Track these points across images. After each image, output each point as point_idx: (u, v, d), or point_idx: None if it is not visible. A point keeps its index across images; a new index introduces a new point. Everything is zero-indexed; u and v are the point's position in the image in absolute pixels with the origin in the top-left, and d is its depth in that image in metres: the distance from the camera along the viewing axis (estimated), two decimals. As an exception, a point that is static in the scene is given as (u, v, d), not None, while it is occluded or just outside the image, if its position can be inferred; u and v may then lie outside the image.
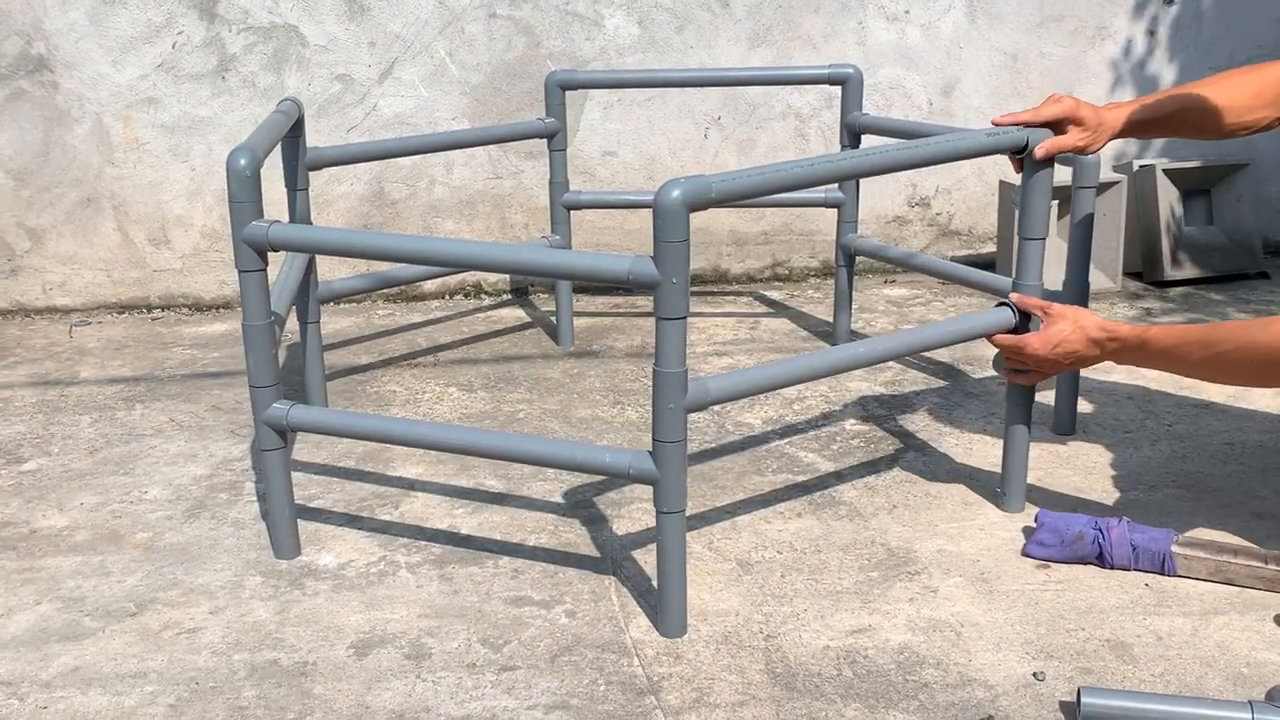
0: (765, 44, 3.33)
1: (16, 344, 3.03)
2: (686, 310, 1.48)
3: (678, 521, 1.58)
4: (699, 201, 1.45)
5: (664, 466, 1.55)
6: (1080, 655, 1.58)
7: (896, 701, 1.49)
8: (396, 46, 3.20)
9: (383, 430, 1.74)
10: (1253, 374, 1.62)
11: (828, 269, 3.53)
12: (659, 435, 1.54)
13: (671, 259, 1.46)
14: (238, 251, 1.71)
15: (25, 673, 1.58)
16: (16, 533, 1.99)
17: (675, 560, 1.60)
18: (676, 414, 1.52)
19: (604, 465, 1.60)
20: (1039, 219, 1.83)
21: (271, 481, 1.84)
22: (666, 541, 1.59)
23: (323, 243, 1.71)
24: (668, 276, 1.46)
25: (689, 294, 1.48)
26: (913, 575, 1.80)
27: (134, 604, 1.76)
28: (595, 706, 1.49)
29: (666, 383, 1.50)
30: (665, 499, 1.57)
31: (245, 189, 1.70)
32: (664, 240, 1.45)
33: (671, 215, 1.44)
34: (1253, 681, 1.51)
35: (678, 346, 1.49)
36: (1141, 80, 3.55)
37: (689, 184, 1.45)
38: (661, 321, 1.48)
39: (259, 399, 1.78)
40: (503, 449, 1.66)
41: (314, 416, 1.79)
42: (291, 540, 1.88)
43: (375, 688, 1.54)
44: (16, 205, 3.19)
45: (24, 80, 3.10)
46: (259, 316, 1.75)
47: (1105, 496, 2.04)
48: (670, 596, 1.62)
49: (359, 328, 3.11)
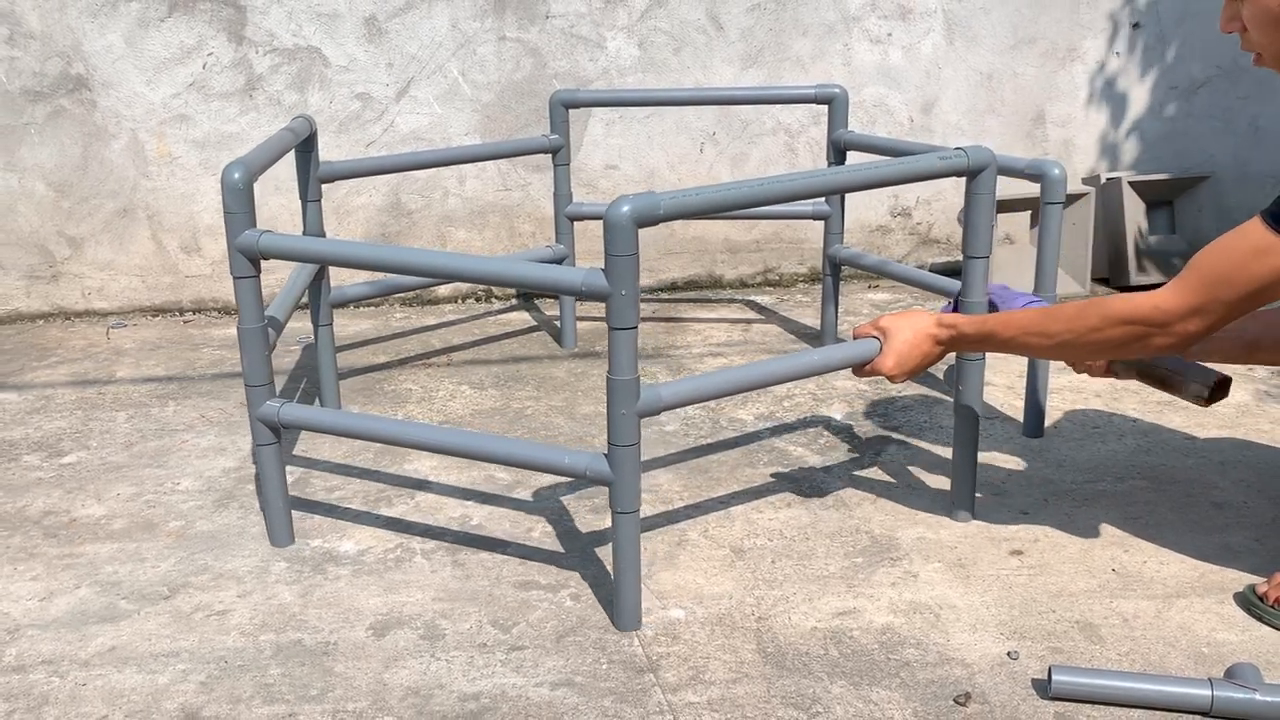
0: (757, 65, 3.33)
1: (57, 345, 3.03)
2: (636, 321, 1.45)
3: (632, 521, 1.56)
4: (647, 218, 1.42)
5: (618, 469, 1.52)
6: (1051, 636, 1.58)
7: (880, 679, 1.49)
8: (413, 67, 3.20)
9: (365, 428, 1.72)
10: (1094, 353, 1.59)
11: (815, 275, 3.53)
12: (613, 439, 1.50)
13: (621, 272, 1.43)
14: (232, 259, 1.70)
15: (65, 652, 1.58)
16: (58, 521, 1.99)
17: (629, 558, 1.57)
18: (629, 419, 1.49)
19: (563, 466, 1.56)
20: (982, 239, 1.77)
21: (266, 474, 1.83)
22: (621, 540, 1.56)
23: (305, 252, 1.69)
24: (617, 289, 1.43)
25: (639, 305, 1.44)
26: (894, 561, 1.80)
27: (167, 588, 1.76)
28: (598, 684, 1.49)
29: (619, 389, 1.47)
30: (619, 499, 1.54)
31: (238, 201, 1.69)
32: (613, 254, 1.42)
33: (620, 230, 1.41)
34: (1212, 660, 1.51)
35: (629, 355, 1.46)
36: (1110, 98, 3.55)
37: (638, 201, 1.42)
38: (613, 331, 1.45)
39: (253, 397, 1.77)
40: (473, 448, 1.63)
41: (302, 414, 1.77)
42: (285, 529, 1.88)
43: (393, 666, 1.54)
44: (57, 215, 3.19)
45: (64, 99, 3.10)
46: (253, 320, 1.74)
47: (1074, 487, 2.04)
48: (625, 592, 1.59)
49: (377, 330, 3.11)
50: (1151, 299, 1.51)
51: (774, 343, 2.93)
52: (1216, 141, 3.66)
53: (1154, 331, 1.51)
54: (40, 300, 3.26)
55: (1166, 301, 1.49)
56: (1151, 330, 1.51)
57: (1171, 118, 3.61)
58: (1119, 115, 3.58)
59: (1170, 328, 1.49)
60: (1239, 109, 3.64)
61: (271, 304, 1.98)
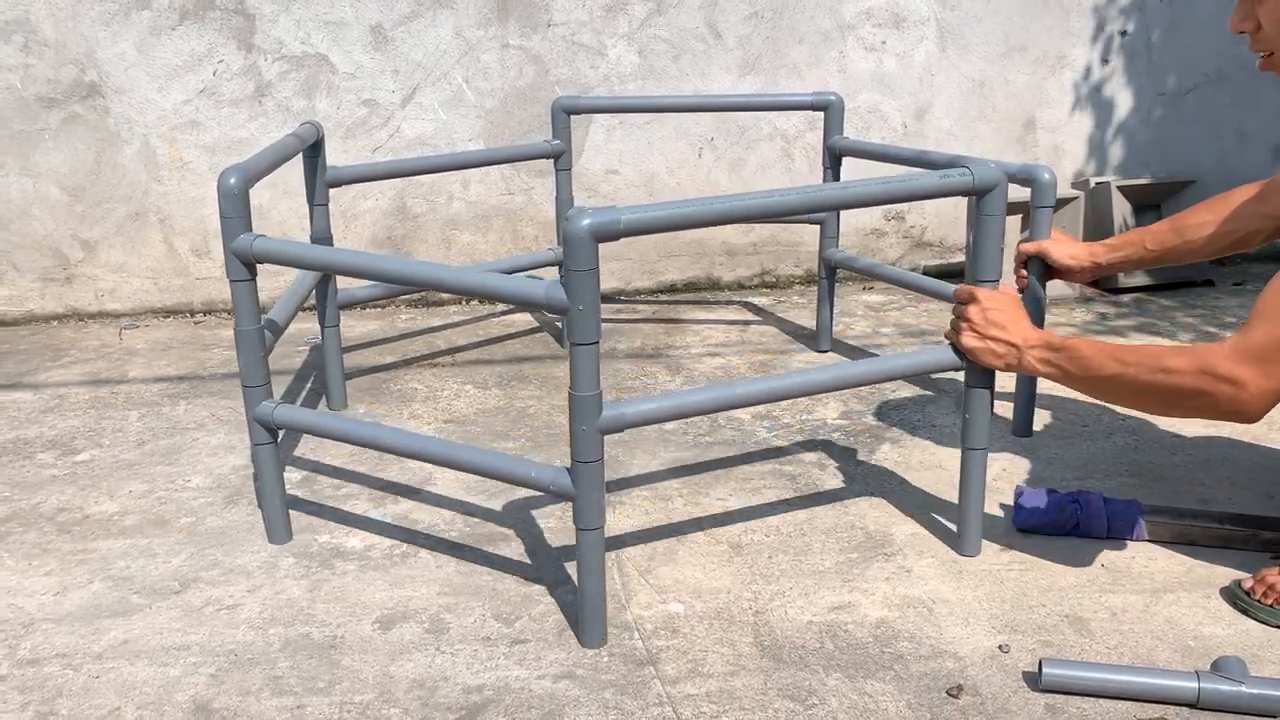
0: (754, 72, 3.33)
1: (71, 345, 3.03)
2: (597, 336, 1.39)
3: (595, 538, 1.49)
4: (605, 233, 1.36)
5: (580, 485, 1.46)
6: (1041, 629, 1.58)
7: (874, 671, 1.49)
8: (418, 74, 3.20)
9: (350, 432, 1.68)
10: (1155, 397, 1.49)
11: (811, 277, 3.53)
12: (575, 455, 1.44)
13: (579, 286, 1.36)
14: (228, 262, 1.69)
15: (79, 645, 1.58)
16: (71, 518, 1.99)
17: (594, 575, 1.51)
18: (591, 435, 1.43)
19: (529, 479, 1.51)
20: (991, 262, 1.65)
21: (262, 472, 1.82)
22: (585, 556, 1.50)
23: (294, 256, 1.65)
24: (575, 303, 1.37)
25: (599, 320, 1.39)
26: (889, 556, 1.80)
27: (178, 583, 1.76)
28: (599, 676, 1.49)
29: (581, 405, 1.41)
30: (582, 516, 1.48)
31: (234, 205, 1.67)
32: (572, 268, 1.36)
33: (579, 245, 1.35)
34: (1199, 653, 1.51)
35: (590, 371, 1.40)
36: (1099, 104, 3.55)
37: (597, 216, 1.35)
38: (573, 346, 1.39)
39: (250, 398, 1.76)
40: (445, 457, 1.58)
41: (295, 415, 1.75)
42: (283, 527, 1.86)
43: (398, 659, 1.54)
44: (71, 219, 3.19)
45: (78, 105, 3.10)
46: (249, 322, 1.73)
47: (1064, 484, 2.04)
48: (589, 608, 1.53)
49: (384, 330, 3.11)
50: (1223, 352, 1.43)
51: (771, 343, 2.92)
52: (1202, 147, 3.66)
53: (1223, 389, 1.42)
54: (54, 302, 3.26)
55: (1236, 356, 1.41)
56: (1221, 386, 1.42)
57: (1159, 123, 3.61)
58: (1107, 121, 3.58)
59: (1244, 387, 1.41)
60: (1225, 115, 3.64)
61: (274, 306, 1.98)
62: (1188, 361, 1.45)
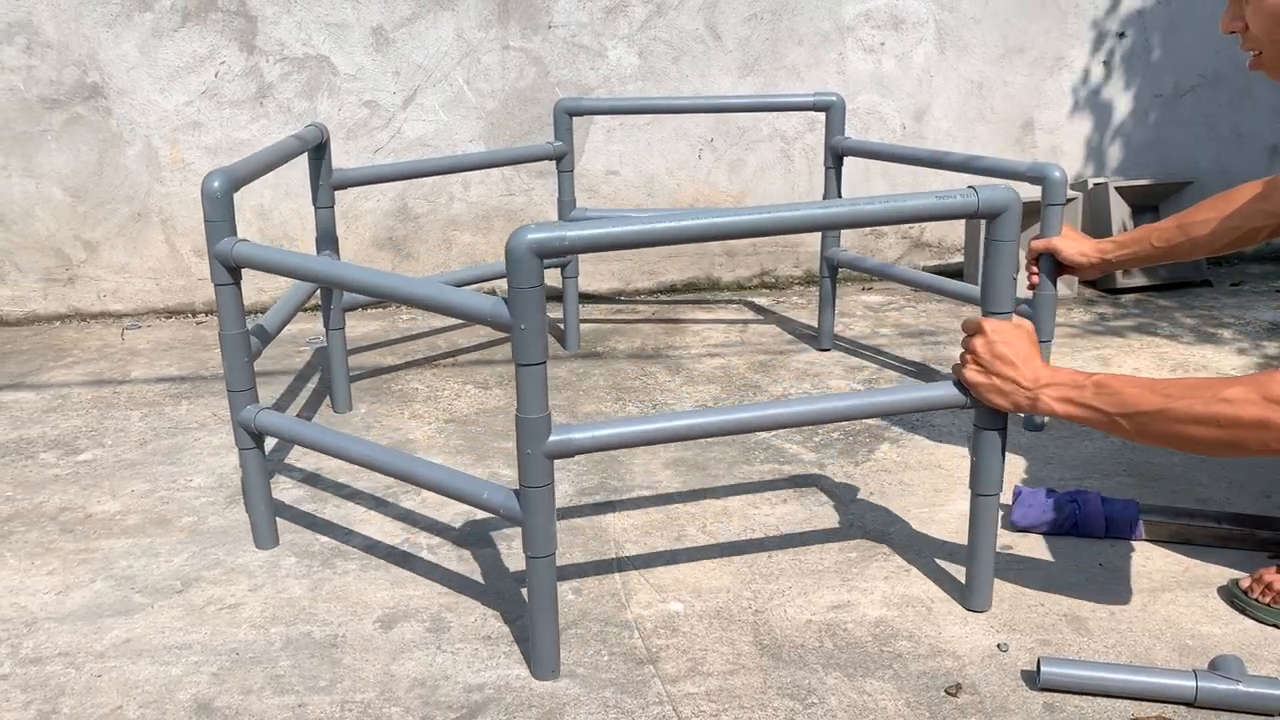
0: (754, 73, 3.33)
1: (74, 345, 3.03)
2: (543, 357, 1.32)
3: (546, 566, 1.42)
4: (549, 250, 1.28)
5: (528, 511, 1.39)
6: (1040, 628, 1.58)
7: (873, 670, 1.49)
8: (419, 75, 3.20)
9: (323, 442, 1.66)
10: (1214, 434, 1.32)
11: (810, 277, 3.53)
12: (522, 480, 1.38)
13: (523, 305, 1.29)
14: (212, 267, 1.67)
15: (81, 644, 1.58)
16: (74, 517, 1.99)
17: (545, 605, 1.44)
18: (537, 460, 1.36)
19: (481, 501, 1.45)
20: (1002, 292, 1.47)
21: (248, 477, 1.80)
22: (535, 586, 1.43)
23: (272, 263, 1.62)
24: (518, 321, 1.30)
25: (546, 342, 1.33)
26: (887, 556, 1.80)
27: (180, 582, 1.76)
28: (599, 675, 1.49)
29: (527, 428, 1.35)
30: (531, 543, 1.41)
31: (217, 209, 1.65)
32: (515, 286, 1.29)
33: (521, 261, 1.28)
34: (1197, 652, 1.51)
35: (537, 393, 1.33)
36: (1097, 105, 3.55)
37: (541, 232, 1.28)
38: (519, 367, 1.32)
39: (235, 402, 1.74)
40: (405, 471, 1.54)
41: (276, 422, 1.72)
42: (269, 532, 1.84)
43: (400, 658, 1.54)
44: (74, 220, 3.19)
45: (80, 106, 3.10)
46: (234, 326, 1.70)
47: (1063, 484, 2.04)
48: (541, 639, 1.46)
49: (385, 331, 3.11)
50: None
51: (771, 343, 2.92)
52: (1200, 148, 3.66)
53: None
54: (57, 302, 3.26)
55: None
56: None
57: (1156, 124, 3.61)
58: (1105, 122, 3.58)
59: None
60: (1222, 116, 3.64)
61: (268, 311, 1.95)
62: (1248, 389, 1.30)
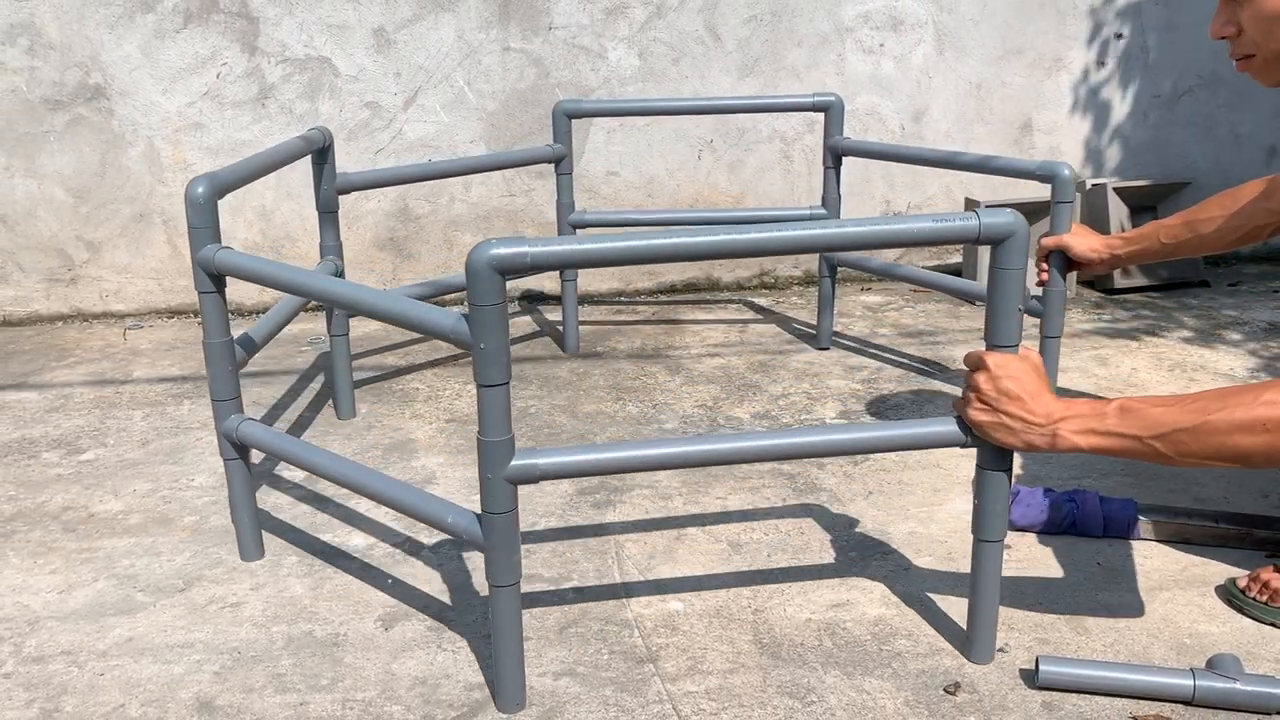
0: (753, 74, 3.33)
1: (76, 345, 3.03)
2: (506, 377, 1.25)
3: (509, 596, 1.35)
4: (510, 267, 1.22)
5: (491, 538, 1.32)
6: (1038, 627, 1.58)
7: (872, 669, 1.49)
8: (420, 76, 3.20)
9: (300, 457, 1.62)
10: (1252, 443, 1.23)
11: (810, 278, 3.53)
12: (484, 505, 1.31)
13: (484, 323, 1.23)
14: (195, 274, 1.65)
15: (84, 643, 1.58)
16: (76, 516, 1.99)
17: (509, 636, 1.37)
18: (499, 484, 1.29)
19: (445, 524, 1.38)
20: (1009, 327, 1.35)
21: (232, 489, 1.77)
22: (498, 615, 1.36)
23: (253, 272, 1.60)
24: (478, 340, 1.23)
25: (509, 360, 1.26)
26: (887, 555, 1.80)
27: (182, 581, 1.76)
28: (599, 673, 1.49)
29: (489, 451, 1.28)
30: (494, 572, 1.33)
31: (201, 215, 1.64)
32: (475, 303, 1.22)
33: (481, 278, 1.21)
34: (1194, 650, 1.51)
35: (498, 414, 1.26)
36: (1095, 106, 3.55)
37: (503, 248, 1.21)
38: (480, 388, 1.26)
39: (218, 412, 1.71)
40: (375, 490, 1.50)
41: (256, 433, 1.70)
42: (253, 543, 1.80)
43: (401, 656, 1.54)
44: (76, 220, 3.19)
45: (83, 107, 3.10)
46: (217, 334, 1.68)
47: (1061, 484, 2.04)
48: (505, 670, 1.39)
49: (386, 332, 3.11)
50: None
51: (770, 343, 2.92)
52: (1198, 148, 3.66)
53: None
54: (59, 302, 3.26)
55: None
56: None
57: (1154, 125, 3.61)
58: (1103, 123, 3.58)
59: None
60: (1219, 117, 3.64)
61: (260, 320, 1.93)
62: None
